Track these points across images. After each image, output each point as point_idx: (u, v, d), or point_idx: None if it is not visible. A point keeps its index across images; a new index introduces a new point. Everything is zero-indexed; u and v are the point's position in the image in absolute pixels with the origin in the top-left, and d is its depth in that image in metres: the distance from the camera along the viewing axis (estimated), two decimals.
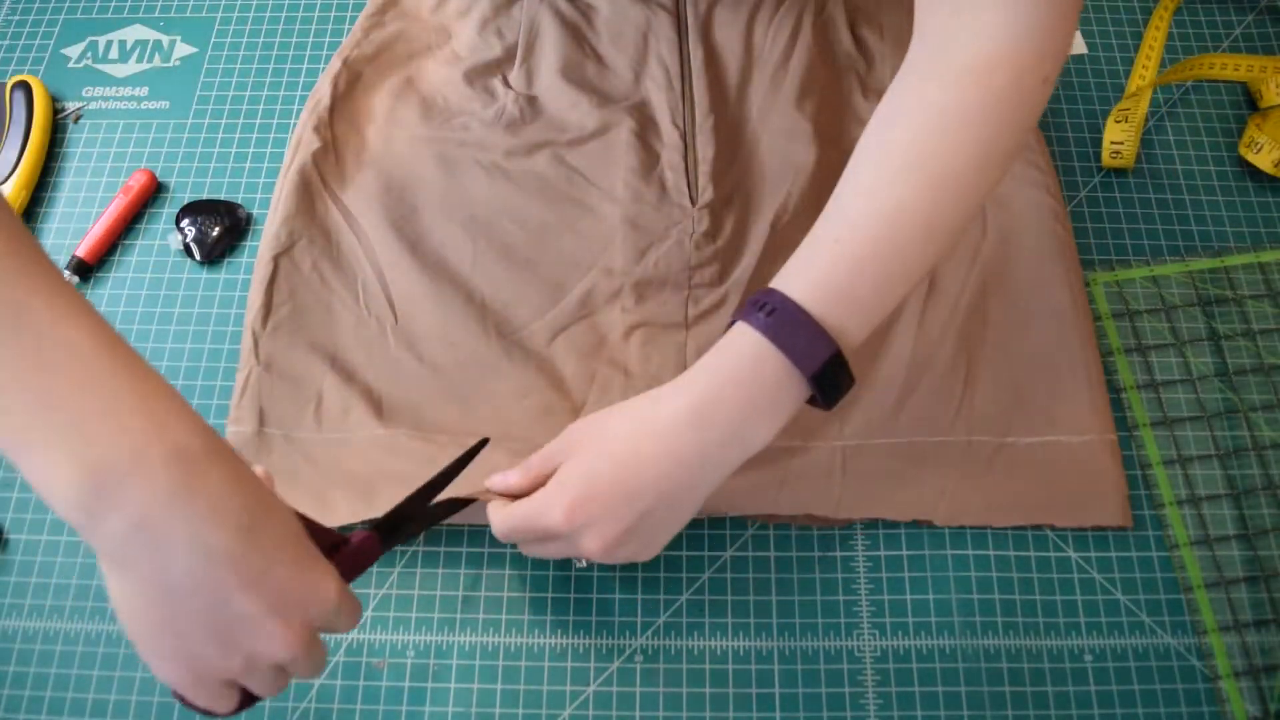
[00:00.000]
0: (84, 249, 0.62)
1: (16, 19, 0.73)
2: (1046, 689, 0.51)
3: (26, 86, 0.68)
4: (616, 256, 0.60)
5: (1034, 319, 0.58)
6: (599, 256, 0.60)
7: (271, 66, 0.70)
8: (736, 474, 0.46)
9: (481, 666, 0.52)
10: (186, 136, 0.67)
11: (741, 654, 0.52)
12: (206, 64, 0.70)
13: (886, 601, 0.53)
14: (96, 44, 0.72)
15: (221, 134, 0.67)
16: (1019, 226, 0.60)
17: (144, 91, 0.69)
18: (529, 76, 0.66)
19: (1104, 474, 0.54)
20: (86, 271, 0.62)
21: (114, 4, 0.73)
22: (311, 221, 0.61)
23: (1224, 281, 0.61)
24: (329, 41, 0.71)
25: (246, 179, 0.66)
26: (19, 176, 0.64)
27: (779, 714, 0.51)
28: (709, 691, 0.51)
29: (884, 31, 0.67)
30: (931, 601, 0.53)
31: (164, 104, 0.69)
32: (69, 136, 0.68)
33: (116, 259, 0.63)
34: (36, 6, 0.73)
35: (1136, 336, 0.59)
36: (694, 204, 0.61)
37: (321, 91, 0.65)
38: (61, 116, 0.68)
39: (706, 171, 0.61)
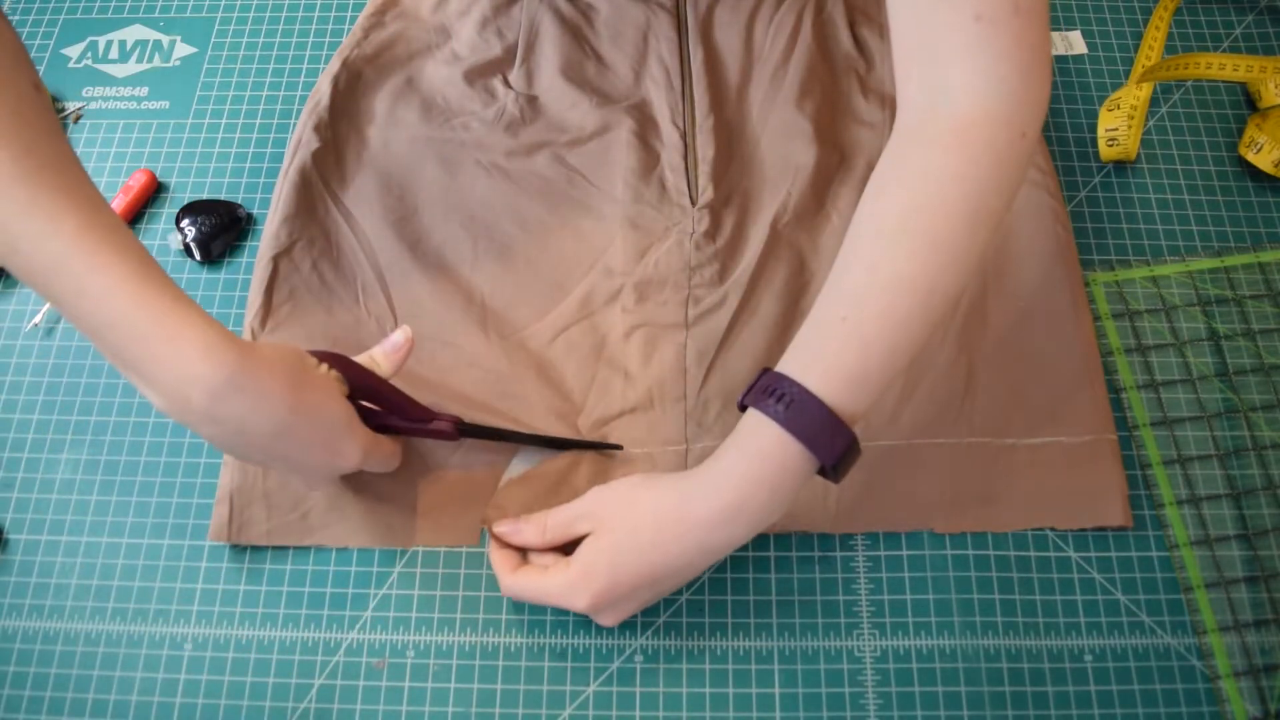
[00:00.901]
0: None
1: (16, 19, 0.73)
2: (1046, 689, 0.51)
3: None
4: (616, 257, 0.60)
5: (1034, 319, 0.58)
6: (599, 257, 0.60)
7: (271, 66, 0.70)
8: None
9: (481, 666, 0.52)
10: (186, 136, 0.67)
11: (741, 654, 0.52)
12: (206, 64, 0.70)
13: (886, 601, 0.53)
14: (96, 44, 0.72)
15: (221, 134, 0.67)
16: (1019, 227, 0.60)
17: (144, 91, 0.69)
18: (529, 76, 0.66)
19: (1105, 474, 0.54)
20: None
21: (114, 4, 0.73)
22: (311, 222, 0.61)
23: (1224, 281, 0.61)
24: (329, 41, 0.71)
25: (246, 179, 0.66)
26: None
27: (779, 714, 0.51)
28: (709, 691, 0.51)
29: (884, 31, 0.67)
30: (931, 601, 0.53)
31: (164, 104, 0.69)
32: (69, 136, 0.68)
33: None
34: (36, 6, 0.73)
35: (1136, 336, 0.59)
36: (694, 204, 0.61)
37: (321, 91, 0.65)
38: (61, 116, 0.68)
39: (706, 171, 0.61)
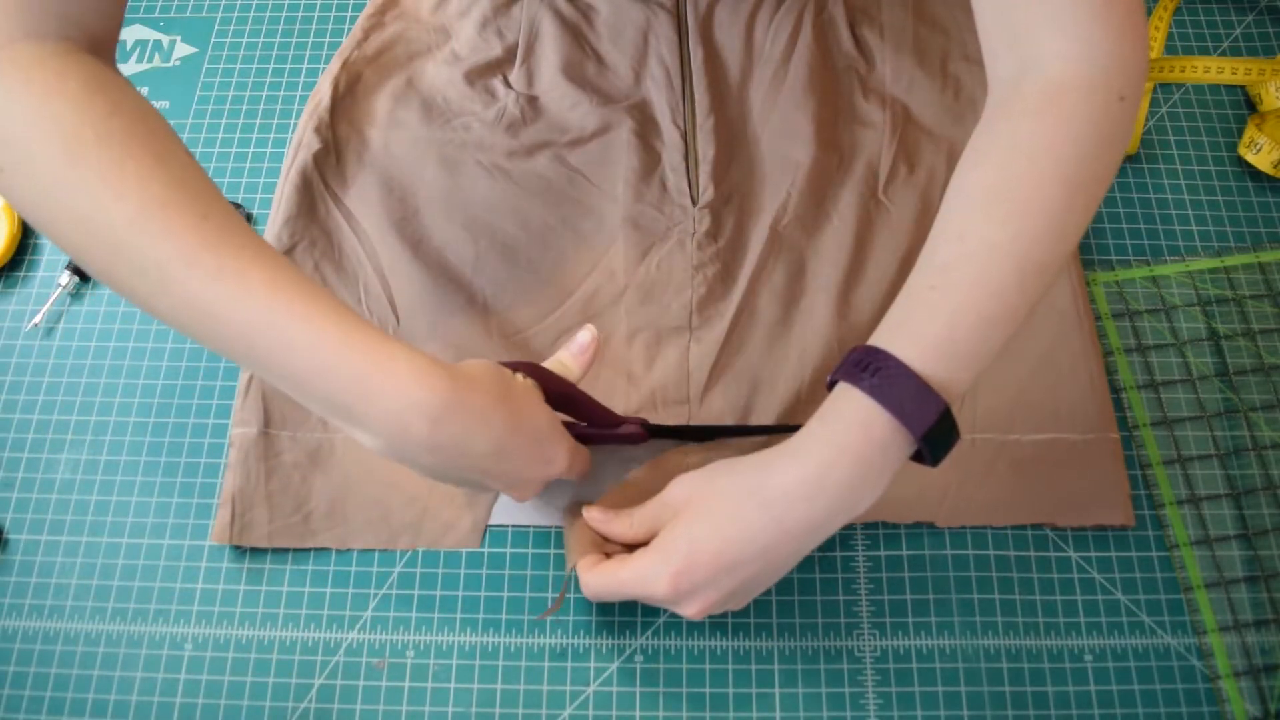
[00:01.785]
0: None
1: None
2: (1046, 689, 0.51)
3: None
4: (618, 257, 0.60)
5: (1036, 318, 0.58)
6: (601, 257, 0.60)
7: (271, 66, 0.70)
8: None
9: (481, 666, 0.52)
10: (186, 136, 0.67)
11: (741, 654, 0.52)
12: (206, 64, 0.70)
13: (886, 601, 0.53)
14: None
15: (221, 134, 0.67)
16: None
17: (144, 91, 0.69)
18: (529, 76, 0.66)
19: (1106, 473, 0.54)
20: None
21: None
22: (312, 223, 0.61)
23: (1224, 281, 0.61)
24: (329, 41, 0.71)
25: (246, 179, 0.66)
26: None
27: (779, 714, 0.51)
28: (709, 691, 0.51)
29: (884, 31, 0.67)
30: (931, 601, 0.53)
31: (164, 104, 0.69)
32: None
33: None
34: None
35: (1136, 336, 0.59)
36: (694, 204, 0.61)
37: (322, 92, 0.65)
38: None
39: (707, 171, 0.61)
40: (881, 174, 0.62)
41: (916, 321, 0.43)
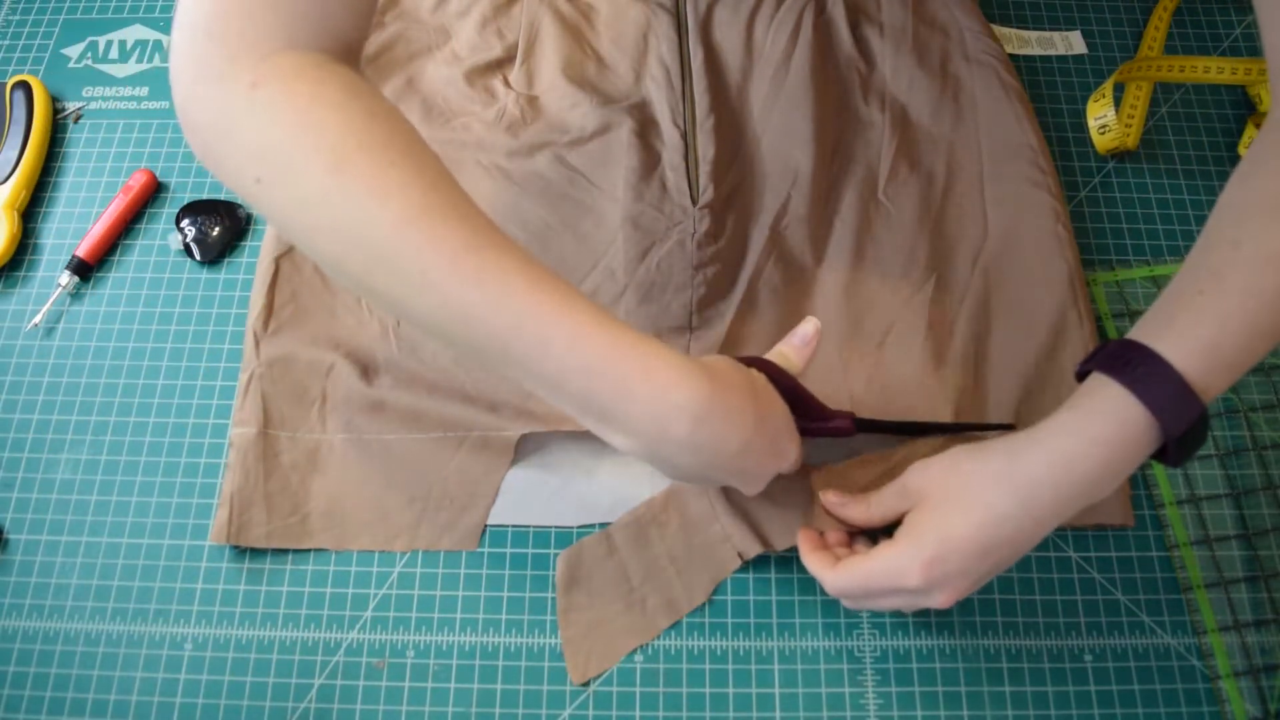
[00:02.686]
0: (84, 249, 0.62)
1: (16, 19, 0.73)
2: (1046, 689, 0.51)
3: (26, 86, 0.68)
4: (618, 257, 0.60)
5: (1036, 319, 0.58)
6: (601, 257, 0.60)
7: None
8: (780, 504, 0.51)
9: (481, 666, 0.52)
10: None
11: (741, 654, 0.52)
12: None
13: None
14: (96, 44, 0.72)
15: None
16: (1020, 227, 0.60)
17: (144, 91, 0.69)
18: (529, 76, 0.66)
19: None
20: (86, 271, 0.62)
21: (114, 4, 0.73)
22: None
23: None
24: None
25: None
26: (19, 176, 0.64)
27: (779, 714, 0.51)
28: (709, 691, 0.51)
29: (884, 31, 0.67)
30: None
31: (164, 104, 0.69)
32: (69, 136, 0.68)
33: (116, 259, 0.63)
34: (36, 6, 0.73)
35: None
36: (695, 204, 0.61)
37: None
38: (61, 116, 0.68)
39: (707, 171, 0.61)
40: (882, 174, 0.62)
41: (1183, 323, 0.43)
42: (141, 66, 0.71)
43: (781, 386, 0.48)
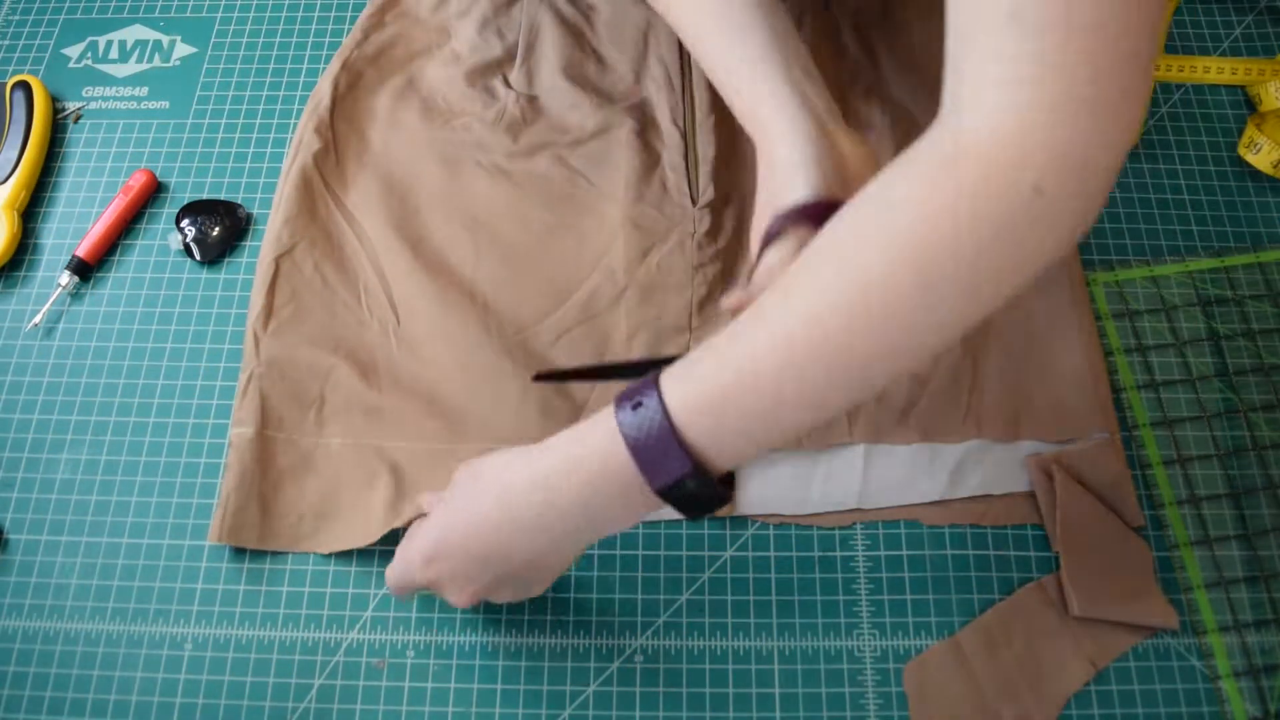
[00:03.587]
0: (84, 249, 0.62)
1: (16, 19, 0.73)
2: None
3: (26, 86, 0.68)
4: (619, 257, 0.60)
5: (1036, 320, 0.58)
6: (601, 258, 0.60)
7: (271, 66, 0.70)
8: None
9: (481, 666, 0.52)
10: (186, 136, 0.67)
11: (741, 654, 0.52)
12: (206, 64, 0.70)
13: (886, 601, 0.53)
14: (96, 44, 0.72)
15: (221, 134, 0.67)
16: None
17: (144, 91, 0.69)
18: (529, 76, 0.66)
19: (1111, 475, 0.54)
20: (86, 271, 0.62)
21: (114, 4, 0.73)
22: (313, 223, 0.61)
23: (1224, 281, 0.61)
24: (329, 41, 0.71)
25: (246, 179, 0.66)
26: (19, 176, 0.64)
27: (779, 714, 0.51)
28: (709, 691, 0.51)
29: (886, 33, 0.67)
30: (931, 601, 0.53)
31: (164, 104, 0.69)
32: (69, 136, 0.68)
33: (116, 259, 0.63)
34: (36, 6, 0.73)
35: (1136, 336, 0.59)
36: (695, 204, 0.61)
37: (322, 92, 0.65)
38: (61, 116, 0.68)
39: (707, 171, 0.61)
40: None
41: (704, 368, 0.37)
42: (141, 66, 0.71)
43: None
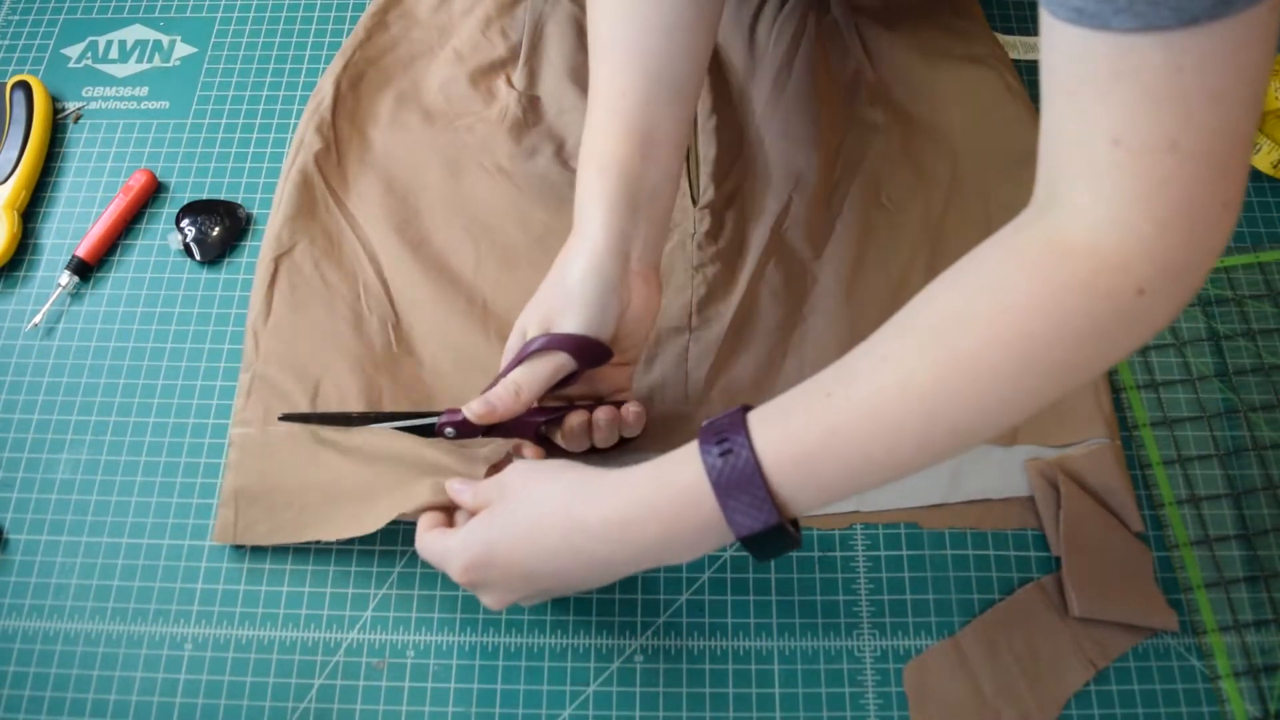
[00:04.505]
0: (84, 249, 0.62)
1: (16, 19, 0.73)
2: None
3: (26, 86, 0.68)
4: None
5: None
6: None
7: (271, 66, 0.70)
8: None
9: (481, 666, 0.52)
10: (186, 136, 0.67)
11: (741, 654, 0.52)
12: (206, 64, 0.70)
13: (886, 601, 0.53)
14: (96, 44, 0.72)
15: (221, 134, 0.67)
16: None
17: (144, 91, 0.69)
18: (531, 76, 0.66)
19: (1112, 482, 0.54)
20: (86, 271, 0.62)
21: (114, 4, 0.73)
22: (313, 223, 0.61)
23: (1224, 281, 0.61)
24: (329, 41, 0.71)
25: (246, 179, 0.66)
26: (19, 176, 0.64)
27: (779, 714, 0.51)
28: (709, 691, 0.51)
29: (888, 34, 0.67)
30: (931, 601, 0.53)
31: (164, 104, 0.69)
32: (69, 136, 0.68)
33: (116, 259, 0.63)
34: (36, 6, 0.73)
35: None
36: (695, 204, 0.61)
37: (324, 91, 0.65)
38: (61, 116, 0.68)
39: (708, 172, 0.61)
40: (884, 178, 0.62)
41: (797, 421, 0.39)
42: (141, 66, 0.71)
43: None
